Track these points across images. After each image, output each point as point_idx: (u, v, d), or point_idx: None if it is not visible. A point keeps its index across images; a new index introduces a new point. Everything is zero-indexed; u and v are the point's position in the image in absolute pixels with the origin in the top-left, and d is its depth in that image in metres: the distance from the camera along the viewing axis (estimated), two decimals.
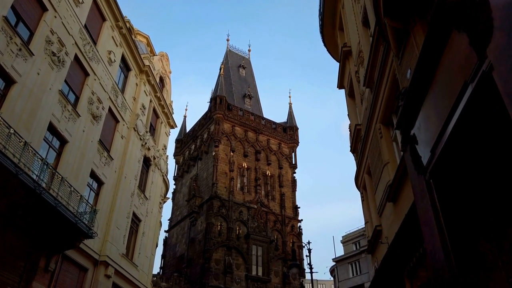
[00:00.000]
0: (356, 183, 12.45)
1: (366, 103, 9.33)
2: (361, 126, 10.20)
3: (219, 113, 38.60)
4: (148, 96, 22.70)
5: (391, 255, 7.32)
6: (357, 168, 11.73)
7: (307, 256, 12.26)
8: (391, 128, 8.09)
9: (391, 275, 7.68)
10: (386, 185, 7.65)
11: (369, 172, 10.13)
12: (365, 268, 38.60)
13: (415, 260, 6.38)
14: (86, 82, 16.22)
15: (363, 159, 10.29)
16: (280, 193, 38.89)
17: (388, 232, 8.02)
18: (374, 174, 8.91)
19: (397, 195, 7.18)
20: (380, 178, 8.19)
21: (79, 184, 14.96)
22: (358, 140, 10.79)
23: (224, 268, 31.74)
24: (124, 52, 19.98)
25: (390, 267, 7.59)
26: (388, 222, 7.91)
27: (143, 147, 21.43)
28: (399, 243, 6.83)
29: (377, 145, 8.29)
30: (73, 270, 14.94)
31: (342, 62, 11.93)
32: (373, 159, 8.90)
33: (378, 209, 8.67)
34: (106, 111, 17.75)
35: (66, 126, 14.51)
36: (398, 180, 7.00)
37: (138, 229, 20.63)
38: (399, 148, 7.73)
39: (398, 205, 7.26)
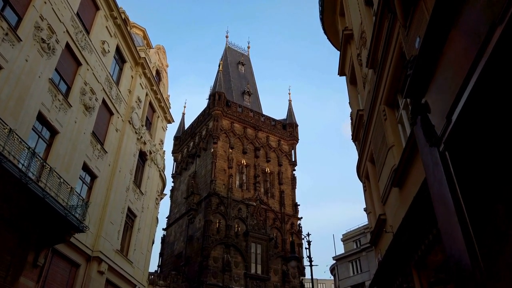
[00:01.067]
0: (358, 173, 11.93)
1: (369, 86, 8.82)
2: (364, 111, 9.68)
3: (217, 109, 38.08)
4: (144, 89, 22.18)
5: (397, 244, 6.80)
6: (359, 157, 11.21)
7: (307, 249, 11.72)
8: (395, 109, 7.57)
9: (397, 266, 7.16)
10: (391, 169, 7.13)
11: (372, 160, 9.61)
12: (366, 266, 38.11)
13: (424, 247, 5.86)
14: (78, 71, 15.71)
15: (366, 146, 9.77)
16: (280, 190, 38.38)
17: (393, 220, 7.50)
18: (377, 161, 8.40)
19: (403, 179, 6.66)
20: (384, 163, 7.66)
21: (70, 176, 14.44)
22: (360, 126, 10.28)
23: (223, 266, 31.21)
24: (119, 43, 19.46)
25: (396, 257, 7.08)
26: (393, 209, 7.39)
27: (139, 141, 20.91)
28: (405, 230, 6.31)
29: (381, 129, 7.77)
30: (64, 265, 14.42)
31: (343, 47, 11.42)
32: (376, 145, 8.38)
33: (382, 197, 8.15)
34: (100, 102, 17.23)
35: (56, 116, 13.99)
36: (404, 163, 6.48)
37: (133, 224, 20.11)
38: (405, 130, 7.21)
39: (404, 190, 6.73)
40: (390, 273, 7.71)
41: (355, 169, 11.94)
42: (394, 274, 7.48)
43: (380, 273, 8.35)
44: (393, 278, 7.65)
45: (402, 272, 6.98)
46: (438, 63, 4.12)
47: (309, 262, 11.35)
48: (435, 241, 5.46)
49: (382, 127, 7.75)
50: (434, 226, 5.29)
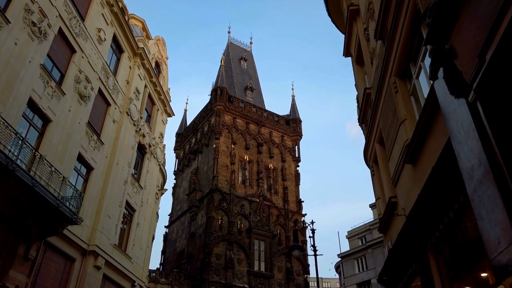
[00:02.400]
0: (365, 157, 11.25)
1: (377, 60, 8.16)
2: (371, 89, 9.03)
3: (219, 104, 37.45)
4: (143, 81, 21.60)
5: (410, 226, 6.14)
6: (366, 141, 10.54)
7: (311, 237, 11.01)
8: (407, 81, 6.91)
9: (410, 251, 6.50)
10: (404, 145, 6.47)
11: (381, 141, 8.95)
12: (372, 263, 37.36)
13: (443, 227, 5.19)
14: (72, 59, 15.13)
15: (374, 126, 9.11)
16: (283, 186, 37.70)
17: (405, 202, 6.83)
18: (387, 140, 7.73)
19: (417, 154, 6.00)
20: (396, 140, 7.00)
21: (64, 167, 13.87)
22: (368, 106, 9.61)
23: (225, 263, 30.58)
24: (116, 32, 18.88)
25: (409, 241, 6.41)
26: (406, 189, 6.72)
27: (137, 133, 20.33)
28: (420, 210, 5.65)
29: (392, 103, 7.11)
30: (58, 259, 13.85)
31: (348, 25, 10.76)
32: (386, 122, 7.72)
33: (393, 178, 7.48)
34: (96, 92, 16.65)
35: (49, 103, 13.42)
36: (418, 136, 5.82)
37: (132, 219, 19.54)
38: (418, 101, 6.55)
39: (418, 166, 6.07)
40: (402, 260, 7.04)
41: (362, 154, 11.28)
42: (407, 260, 6.81)
43: (391, 261, 7.68)
44: (405, 265, 6.99)
45: (417, 257, 6.32)
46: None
47: (314, 252, 10.69)
48: (457, 219, 4.79)
49: (393, 101, 7.08)
50: (456, 201, 4.63)
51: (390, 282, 8.25)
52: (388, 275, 8.19)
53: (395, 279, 7.86)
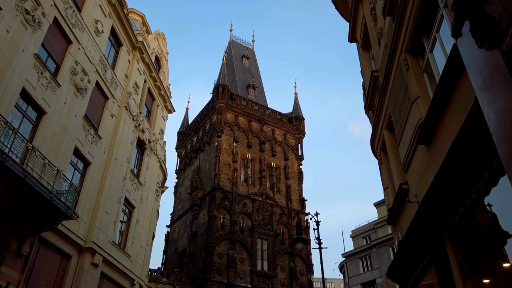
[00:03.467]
0: (372, 146, 10.73)
1: (385, 39, 7.65)
2: (379, 72, 8.52)
3: (221, 102, 36.97)
4: (142, 75, 21.15)
5: (424, 213, 5.62)
6: (373, 129, 10.02)
7: (315, 229, 10.49)
8: (419, 57, 6.40)
9: (424, 241, 5.98)
10: (416, 125, 5.96)
11: (389, 126, 8.44)
12: (377, 263, 36.74)
13: (463, 211, 4.67)
14: (68, 50, 14.70)
15: (382, 111, 8.59)
16: (286, 185, 37.15)
17: (418, 187, 6.32)
18: (397, 122, 7.21)
19: (431, 133, 5.49)
20: (407, 121, 6.49)
21: (60, 161, 13.42)
22: (375, 90, 9.10)
23: (228, 263, 30.07)
24: (114, 24, 18.44)
25: (422, 230, 5.90)
26: (419, 173, 6.21)
27: (137, 129, 19.88)
28: (436, 193, 5.14)
29: (402, 82, 6.60)
30: (53, 256, 13.38)
31: (353, 8, 10.26)
32: (395, 104, 7.21)
33: (404, 163, 6.97)
34: (93, 85, 16.22)
35: (43, 95, 12.98)
36: (433, 114, 5.31)
37: (131, 216, 19.08)
38: (433, 78, 6.04)
39: (433, 146, 5.56)
40: (415, 251, 6.52)
41: (369, 144, 10.74)
42: (420, 251, 6.29)
43: (402, 254, 7.16)
44: (418, 256, 6.46)
45: (432, 247, 5.80)
46: None
47: (318, 245, 10.16)
48: (480, 199, 4.28)
49: (403, 80, 6.57)
50: (479, 178, 4.12)
51: (400, 276, 7.72)
52: (398, 269, 7.67)
53: (406, 272, 7.33)
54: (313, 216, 10.65)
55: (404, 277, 7.58)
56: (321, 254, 10.00)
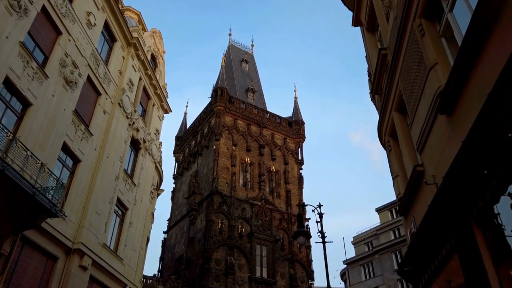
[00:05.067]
0: (379, 135, 9.99)
1: (395, 10, 6.97)
2: (388, 49, 7.83)
3: (220, 105, 36.32)
4: (137, 73, 20.48)
5: (445, 194, 4.86)
6: (380, 114, 9.29)
7: (318, 222, 9.68)
8: (436, 22, 5.69)
9: (445, 227, 5.20)
10: (435, 95, 5.24)
11: (399, 107, 7.73)
12: (379, 270, 35.74)
13: (497, 184, 3.92)
14: (58, 41, 14.03)
15: (391, 92, 7.87)
16: (286, 190, 36.33)
17: (436, 167, 5.58)
18: (409, 98, 6.48)
19: (455, 99, 4.77)
20: (422, 93, 5.77)
21: (46, 156, 12.66)
22: (383, 70, 8.38)
23: (226, 269, 29.11)
24: (107, 18, 17.81)
25: (443, 214, 5.13)
26: (437, 150, 5.46)
27: (131, 127, 19.14)
28: (461, 168, 4.38)
29: (416, 51, 5.90)
30: (38, 257, 12.54)
31: None
32: (408, 79, 6.49)
33: (418, 142, 6.22)
34: (84, 79, 15.52)
35: (29, 85, 12.27)
36: (456, 77, 4.58)
37: (124, 218, 18.24)
38: (453, 42, 5.33)
39: (456, 116, 4.83)
40: (432, 241, 5.75)
41: (376, 131, 10.00)
42: (439, 240, 5.52)
43: (416, 246, 6.38)
44: (436, 247, 5.68)
45: (454, 233, 5.02)
46: None
47: (322, 239, 9.37)
48: None
49: (418, 49, 5.87)
50: None
51: (414, 272, 6.93)
52: (412, 264, 6.88)
53: (421, 268, 6.54)
54: (315, 208, 9.88)
55: (418, 273, 6.80)
56: (325, 248, 9.20)
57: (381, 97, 9.06)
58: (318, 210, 9.65)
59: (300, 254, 33.69)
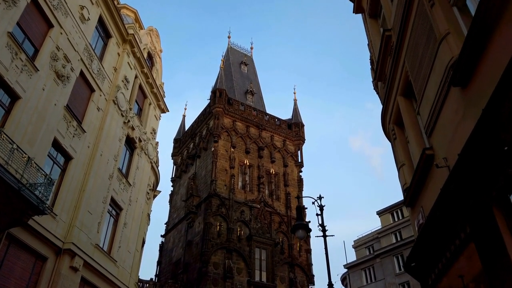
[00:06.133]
0: (383, 125, 9.47)
1: None
2: (392, 30, 7.37)
3: (218, 106, 35.84)
4: (133, 70, 20.04)
5: (460, 175, 4.36)
6: (384, 102, 8.79)
7: (318, 215, 9.11)
8: None
9: (458, 214, 4.70)
10: (447, 67, 4.77)
11: (405, 92, 7.27)
12: (381, 274, 35.08)
13: None
14: (49, 33, 13.60)
15: (396, 75, 7.41)
16: (286, 192, 35.72)
17: (448, 148, 5.09)
18: (417, 78, 6.01)
19: (469, 71, 4.29)
20: (432, 68, 5.30)
21: (35, 151, 12.17)
22: (387, 54, 7.92)
23: (224, 273, 28.44)
24: (102, 13, 17.41)
25: (456, 199, 4.62)
26: (450, 128, 4.98)
27: (126, 125, 18.66)
28: (480, 143, 3.88)
29: (425, 25, 5.44)
30: (26, 257, 12.00)
31: None
32: (415, 56, 6.03)
33: (427, 124, 5.75)
34: (77, 74, 15.07)
35: (17, 78, 11.81)
36: (472, 45, 4.11)
37: (118, 218, 17.70)
38: (466, 11, 4.86)
39: (472, 88, 4.35)
40: (444, 231, 5.24)
41: (380, 120, 9.50)
42: (452, 229, 5.01)
43: (425, 239, 5.86)
44: (448, 237, 5.17)
45: (470, 220, 4.52)
46: None
47: (322, 232, 8.82)
48: None
49: (427, 21, 5.41)
50: None
51: (422, 268, 6.41)
52: (420, 258, 6.36)
53: (430, 262, 6.02)
54: (315, 200, 9.35)
55: (427, 268, 6.28)
56: (326, 242, 8.66)
57: (384, 84, 8.59)
58: (319, 202, 9.14)
59: (300, 258, 33.06)
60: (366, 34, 10.22)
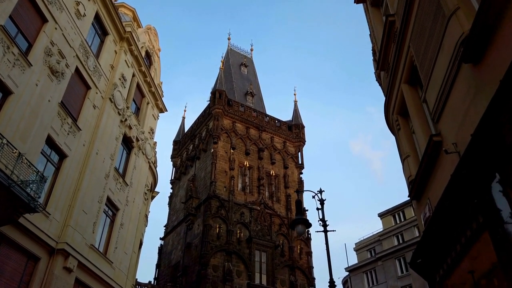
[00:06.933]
0: (386, 115, 9.12)
1: None
2: (396, 16, 7.04)
3: (218, 107, 35.53)
4: (131, 68, 19.74)
5: (473, 159, 4.01)
6: (388, 92, 8.43)
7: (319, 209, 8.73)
8: None
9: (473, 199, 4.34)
10: (457, 44, 4.44)
11: (409, 79, 6.92)
12: (383, 277, 34.60)
13: None
14: (43, 28, 13.30)
15: (400, 61, 7.07)
16: (286, 194, 35.33)
17: (459, 132, 4.74)
18: (424, 61, 5.66)
19: (483, 45, 3.94)
20: (441, 46, 4.96)
21: (28, 148, 11.84)
22: (391, 41, 7.58)
23: (223, 276, 28.00)
24: (99, 10, 17.12)
25: (469, 185, 4.27)
26: (460, 110, 4.64)
27: (123, 124, 18.33)
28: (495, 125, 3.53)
29: (432, 2, 5.11)
30: (17, 257, 11.62)
31: None
32: (422, 36, 5.69)
33: (435, 109, 5.40)
34: (72, 70, 14.76)
35: (9, 72, 11.50)
36: (486, 16, 3.77)
37: (114, 219, 17.32)
38: None
39: (486, 63, 4.00)
40: (453, 223, 4.88)
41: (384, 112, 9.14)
42: (463, 219, 4.65)
43: (432, 232, 5.50)
44: (459, 229, 4.81)
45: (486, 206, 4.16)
46: None
47: (323, 227, 8.44)
48: None
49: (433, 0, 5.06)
50: None
51: (429, 264, 6.04)
52: (427, 254, 5.99)
53: (438, 257, 5.65)
54: (316, 193, 8.97)
55: (434, 265, 5.90)
56: (327, 238, 8.29)
57: (388, 73, 8.25)
58: (319, 196, 8.77)
59: (300, 260, 32.62)
60: (368, 25, 9.91)
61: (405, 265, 33.33)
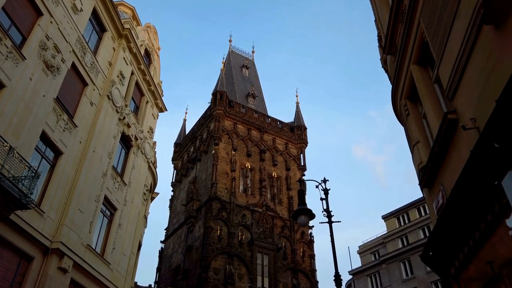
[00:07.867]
0: (394, 102, 8.66)
1: None
2: None
3: (219, 109, 35.17)
4: (129, 66, 19.39)
5: (499, 129, 3.57)
6: (395, 76, 7.99)
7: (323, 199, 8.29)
8: None
9: (496, 178, 3.90)
10: (475, 8, 4.02)
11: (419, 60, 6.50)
12: (387, 280, 33.97)
13: None
14: (38, 22, 12.97)
15: (409, 41, 6.65)
16: (288, 196, 34.84)
17: (478, 105, 4.32)
18: (436, 33, 5.25)
19: (506, 9, 3.52)
20: (456, 15, 4.55)
21: (21, 144, 11.45)
22: (399, 20, 7.15)
23: (225, 279, 27.47)
24: (96, 6, 16.80)
25: (492, 161, 3.83)
26: (480, 80, 4.21)
27: (121, 122, 17.94)
28: None
29: None
30: (9, 256, 11.19)
31: None
32: (434, 8, 5.27)
33: (449, 84, 4.97)
34: (68, 65, 14.40)
35: (2, 64, 11.15)
36: None
37: (112, 219, 16.89)
38: None
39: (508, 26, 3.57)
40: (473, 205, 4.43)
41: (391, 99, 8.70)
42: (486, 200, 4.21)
43: (447, 221, 5.05)
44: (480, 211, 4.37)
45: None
46: None
47: (328, 218, 8.01)
48: None
49: None
50: None
51: (443, 255, 5.59)
52: (440, 246, 5.54)
53: (453, 248, 5.20)
54: (319, 183, 8.53)
55: (448, 257, 5.45)
56: (331, 229, 7.84)
57: (395, 56, 7.82)
58: (323, 186, 8.31)
59: (303, 263, 32.07)
60: (373, 11, 9.50)
61: (410, 268, 32.73)
